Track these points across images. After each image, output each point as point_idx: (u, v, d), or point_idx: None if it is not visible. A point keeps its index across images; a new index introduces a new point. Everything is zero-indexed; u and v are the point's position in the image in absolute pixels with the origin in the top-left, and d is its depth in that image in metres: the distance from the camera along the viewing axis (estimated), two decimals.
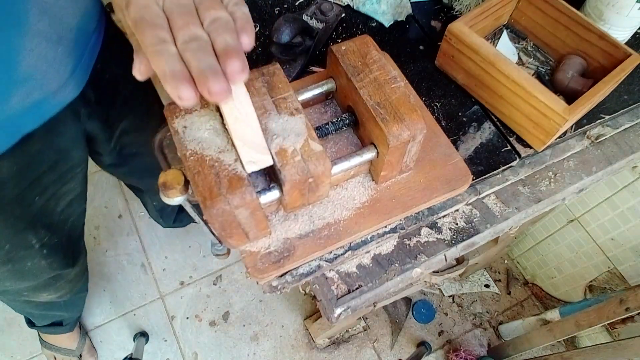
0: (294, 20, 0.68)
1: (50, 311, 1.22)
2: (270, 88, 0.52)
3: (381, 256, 0.64)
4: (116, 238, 1.66)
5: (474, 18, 0.70)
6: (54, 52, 0.59)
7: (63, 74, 0.63)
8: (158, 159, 0.54)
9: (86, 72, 0.68)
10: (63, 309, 1.24)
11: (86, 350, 1.46)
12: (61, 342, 1.40)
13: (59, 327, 1.32)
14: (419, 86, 0.75)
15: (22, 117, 0.62)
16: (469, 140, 0.70)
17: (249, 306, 1.59)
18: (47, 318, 1.27)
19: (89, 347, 1.48)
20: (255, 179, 0.53)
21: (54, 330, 1.33)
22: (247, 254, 0.56)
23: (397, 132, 0.52)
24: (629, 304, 0.98)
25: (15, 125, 0.62)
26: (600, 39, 0.69)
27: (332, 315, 0.61)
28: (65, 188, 0.82)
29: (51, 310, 1.21)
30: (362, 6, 0.81)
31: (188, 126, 0.49)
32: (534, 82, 0.63)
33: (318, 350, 1.54)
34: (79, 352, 1.43)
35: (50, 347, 1.40)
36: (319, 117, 0.64)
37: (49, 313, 1.24)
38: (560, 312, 1.32)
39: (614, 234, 1.19)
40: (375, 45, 0.58)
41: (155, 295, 1.59)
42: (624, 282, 1.23)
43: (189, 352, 1.52)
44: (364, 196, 0.60)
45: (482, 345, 1.57)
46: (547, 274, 1.54)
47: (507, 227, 0.68)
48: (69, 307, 1.26)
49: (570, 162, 0.72)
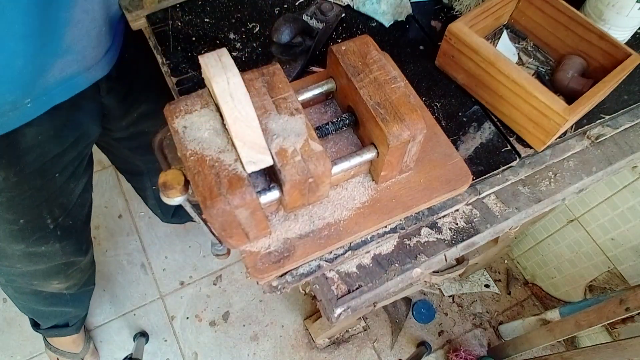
0: (294, 20, 0.68)
1: (57, 307, 1.20)
2: (270, 88, 0.52)
3: (381, 256, 0.64)
4: (116, 238, 1.66)
5: (474, 18, 0.70)
6: (97, 30, 0.63)
7: (100, 52, 0.67)
8: (158, 159, 0.54)
9: (116, 52, 0.72)
10: (70, 303, 1.22)
11: (89, 353, 1.45)
12: (66, 346, 1.38)
13: (65, 328, 1.31)
14: (419, 86, 0.75)
15: (56, 89, 0.65)
16: (469, 140, 0.70)
17: (249, 306, 1.59)
18: (53, 316, 1.25)
19: (92, 350, 1.47)
20: (255, 179, 0.53)
21: (60, 332, 1.32)
22: (247, 254, 0.56)
23: (397, 132, 0.52)
24: (629, 304, 0.98)
25: (49, 95, 0.65)
26: (600, 39, 0.69)
27: (332, 315, 0.61)
28: (81, 169, 0.84)
29: (57, 305, 1.19)
30: (362, 6, 0.81)
31: (188, 126, 0.49)
32: (534, 82, 0.63)
33: (318, 350, 1.54)
34: (82, 355, 1.42)
35: (54, 350, 1.39)
36: (319, 117, 0.64)
37: (55, 309, 1.22)
38: (560, 312, 1.32)
39: (614, 234, 1.19)
40: (375, 45, 0.58)
41: (155, 295, 1.59)
42: (624, 282, 1.23)
43: (189, 352, 1.52)
44: (364, 196, 0.60)
45: (482, 345, 1.57)
46: (547, 274, 1.54)
47: (507, 227, 0.68)
48: (75, 302, 1.24)
49: (570, 162, 0.72)
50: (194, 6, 0.81)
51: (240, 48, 0.76)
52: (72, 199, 0.86)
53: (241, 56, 0.75)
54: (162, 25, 0.78)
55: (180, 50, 0.76)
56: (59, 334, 1.33)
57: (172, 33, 0.77)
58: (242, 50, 0.76)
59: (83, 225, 0.96)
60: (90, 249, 1.06)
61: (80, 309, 1.33)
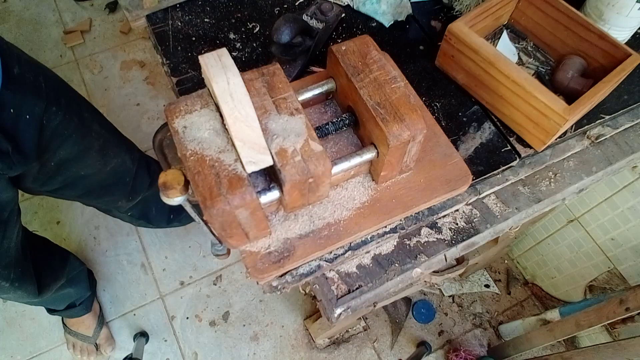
0: (294, 20, 0.68)
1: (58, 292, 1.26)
2: (270, 88, 0.52)
3: (381, 256, 0.64)
4: (116, 238, 1.66)
5: (474, 18, 0.70)
6: None
7: None
8: (158, 159, 0.54)
9: None
10: (67, 286, 1.28)
11: (104, 339, 1.48)
12: (78, 327, 1.44)
13: (74, 308, 1.37)
14: (419, 86, 0.75)
15: None
16: (469, 140, 0.70)
17: (249, 306, 1.59)
18: (59, 300, 1.31)
19: (107, 336, 1.50)
20: (255, 179, 0.53)
21: (71, 313, 1.39)
22: (247, 254, 0.56)
23: (397, 132, 0.52)
24: (629, 304, 0.98)
25: None
26: (600, 39, 0.69)
27: (332, 315, 0.61)
28: (9, 231, 0.83)
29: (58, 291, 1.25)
30: (362, 6, 0.81)
31: (188, 126, 0.49)
32: (534, 82, 0.63)
33: (318, 350, 1.54)
34: (94, 339, 1.46)
35: (70, 331, 1.45)
36: (319, 117, 0.64)
37: (58, 294, 1.27)
38: (560, 312, 1.32)
39: (614, 234, 1.19)
40: (375, 45, 0.58)
41: (155, 295, 1.59)
42: (624, 282, 1.22)
43: (189, 352, 1.52)
44: (364, 196, 0.60)
45: (482, 345, 1.57)
46: (547, 274, 1.54)
47: (507, 227, 0.68)
48: (73, 284, 1.31)
49: (570, 162, 0.72)
50: (194, 6, 0.81)
51: (240, 48, 0.76)
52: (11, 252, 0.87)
53: (241, 56, 0.75)
54: (162, 25, 0.78)
55: (180, 50, 0.76)
56: (72, 314, 1.40)
57: (172, 33, 0.77)
58: (242, 50, 0.76)
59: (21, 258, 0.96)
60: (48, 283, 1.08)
61: (81, 289, 1.38)
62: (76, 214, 1.67)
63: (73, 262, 1.32)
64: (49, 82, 0.77)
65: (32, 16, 2.04)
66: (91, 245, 1.64)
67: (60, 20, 2.04)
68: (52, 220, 1.66)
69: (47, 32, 2.00)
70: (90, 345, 1.45)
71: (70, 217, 1.67)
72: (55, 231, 1.64)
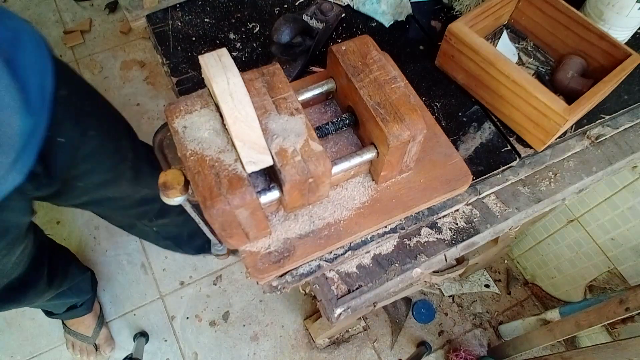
0: (294, 20, 0.68)
1: (60, 299, 1.26)
2: (270, 88, 0.52)
3: (381, 256, 0.64)
4: (116, 238, 1.66)
5: (474, 18, 0.70)
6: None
7: (3, 166, 0.58)
8: (158, 159, 0.54)
9: (31, 156, 0.62)
10: (70, 295, 1.28)
11: (103, 340, 1.49)
12: (78, 327, 1.44)
13: (75, 309, 1.37)
14: (419, 86, 0.75)
15: None
16: (469, 140, 0.70)
17: (249, 306, 1.59)
18: (60, 305, 1.31)
19: (106, 337, 1.50)
20: (255, 179, 0.53)
21: (72, 314, 1.38)
22: (247, 254, 0.56)
23: (397, 132, 0.52)
24: (629, 304, 0.98)
25: None
26: (600, 39, 0.69)
27: (332, 315, 0.61)
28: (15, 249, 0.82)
29: (60, 298, 1.25)
30: (362, 6, 0.81)
31: (188, 126, 0.49)
32: (534, 82, 0.63)
33: (318, 350, 1.54)
34: (94, 339, 1.46)
35: (69, 331, 1.45)
36: (319, 117, 0.64)
37: (59, 302, 1.27)
38: (560, 312, 1.32)
39: (614, 234, 1.19)
40: (375, 45, 0.58)
41: (155, 295, 1.59)
42: (624, 282, 1.22)
43: (189, 352, 1.52)
44: (364, 196, 0.60)
45: (482, 345, 1.57)
46: (547, 274, 1.54)
47: (507, 227, 0.68)
48: (75, 292, 1.31)
49: (570, 162, 0.72)
50: (194, 6, 0.81)
51: (240, 48, 0.76)
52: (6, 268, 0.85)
53: (241, 56, 0.75)
54: (162, 25, 0.78)
55: (180, 50, 0.76)
56: (72, 315, 1.40)
57: (172, 33, 0.77)
58: (242, 50, 0.76)
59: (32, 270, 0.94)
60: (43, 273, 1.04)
61: (83, 295, 1.38)
62: (76, 214, 1.67)
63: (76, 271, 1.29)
64: (95, 108, 0.76)
65: (32, 16, 2.04)
66: (91, 245, 1.64)
67: (60, 20, 2.04)
68: (52, 220, 1.66)
69: (47, 32, 2.00)
70: (89, 345, 1.45)
71: (70, 217, 1.67)
72: (55, 231, 1.64)
